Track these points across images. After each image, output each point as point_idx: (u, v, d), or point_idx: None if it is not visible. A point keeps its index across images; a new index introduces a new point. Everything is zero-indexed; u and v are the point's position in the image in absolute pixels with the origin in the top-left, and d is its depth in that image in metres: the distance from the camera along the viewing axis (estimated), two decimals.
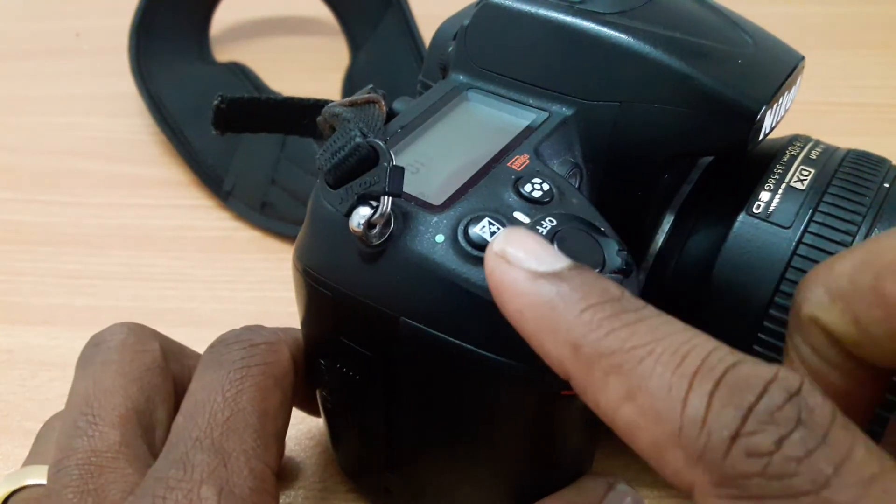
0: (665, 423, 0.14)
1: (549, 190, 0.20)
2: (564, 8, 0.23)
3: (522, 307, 0.16)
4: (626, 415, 0.15)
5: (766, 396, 0.14)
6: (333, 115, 0.21)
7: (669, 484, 0.15)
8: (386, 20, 0.50)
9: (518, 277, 0.16)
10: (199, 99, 0.46)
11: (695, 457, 0.14)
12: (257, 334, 0.23)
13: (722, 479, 0.14)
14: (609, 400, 0.15)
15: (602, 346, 0.15)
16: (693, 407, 0.14)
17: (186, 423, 0.21)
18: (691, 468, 0.14)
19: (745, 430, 0.13)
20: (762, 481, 0.13)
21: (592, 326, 0.15)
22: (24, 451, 0.30)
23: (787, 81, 0.24)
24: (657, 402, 0.14)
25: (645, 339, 0.15)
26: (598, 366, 0.15)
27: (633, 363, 0.15)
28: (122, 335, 0.23)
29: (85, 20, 0.60)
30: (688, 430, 0.14)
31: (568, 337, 0.15)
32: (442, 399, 0.21)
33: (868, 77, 0.51)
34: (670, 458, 0.14)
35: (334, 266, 0.21)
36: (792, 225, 0.22)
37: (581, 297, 0.16)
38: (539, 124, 0.23)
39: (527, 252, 0.17)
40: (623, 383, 0.15)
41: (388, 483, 0.25)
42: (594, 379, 0.15)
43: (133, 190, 0.44)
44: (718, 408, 0.14)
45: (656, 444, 0.14)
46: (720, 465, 0.14)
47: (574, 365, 0.15)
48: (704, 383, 0.14)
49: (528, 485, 0.23)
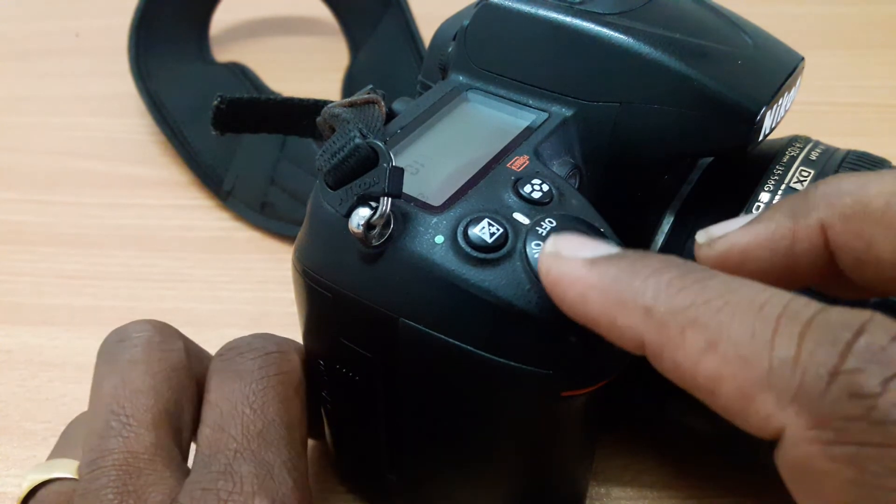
0: (752, 368, 0.13)
1: (548, 191, 0.20)
2: (564, 8, 0.23)
3: (585, 290, 0.16)
4: (708, 367, 0.14)
5: (866, 334, 0.13)
6: (333, 115, 0.21)
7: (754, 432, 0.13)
8: (386, 20, 0.50)
9: (575, 266, 0.16)
10: (198, 99, 0.46)
11: (787, 397, 0.13)
12: (269, 342, 0.23)
13: (819, 420, 0.13)
14: (688, 355, 0.14)
15: (675, 304, 0.15)
16: (782, 347, 0.13)
17: (219, 435, 0.21)
18: (783, 410, 0.13)
19: (846, 367, 0.12)
20: (864, 426, 0.12)
21: (661, 288, 0.15)
22: (24, 451, 0.31)
23: (786, 82, 0.24)
24: (741, 348, 0.13)
25: (718, 291, 0.14)
26: (673, 323, 0.14)
27: (710, 314, 0.14)
28: (147, 333, 0.23)
29: (85, 20, 0.60)
30: (779, 371, 0.13)
31: (638, 304, 0.15)
32: (441, 400, 0.21)
33: (868, 77, 0.51)
34: (759, 404, 0.13)
35: (334, 267, 0.21)
36: None
37: (643, 266, 0.16)
38: (539, 125, 0.23)
39: (578, 245, 0.17)
40: (701, 335, 0.14)
41: (388, 484, 0.25)
42: (670, 337, 0.14)
43: (133, 190, 0.44)
44: (812, 346, 0.13)
45: (742, 392, 0.13)
46: (817, 404, 0.13)
47: (648, 328, 0.15)
48: (792, 326, 0.13)
49: (527, 486, 0.23)
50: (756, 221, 0.18)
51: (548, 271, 0.17)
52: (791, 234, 0.17)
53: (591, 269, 0.16)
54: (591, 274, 0.16)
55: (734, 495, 0.28)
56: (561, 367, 0.19)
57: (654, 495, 0.28)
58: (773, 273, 0.18)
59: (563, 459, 0.23)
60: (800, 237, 0.17)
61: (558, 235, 0.18)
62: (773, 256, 0.17)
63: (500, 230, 0.19)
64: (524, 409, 0.20)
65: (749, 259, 0.18)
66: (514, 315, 0.18)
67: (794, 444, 0.13)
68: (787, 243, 0.17)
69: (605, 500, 0.28)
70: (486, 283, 0.19)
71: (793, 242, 0.17)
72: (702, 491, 0.28)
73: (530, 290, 0.18)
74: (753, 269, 0.18)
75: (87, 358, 0.34)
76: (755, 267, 0.18)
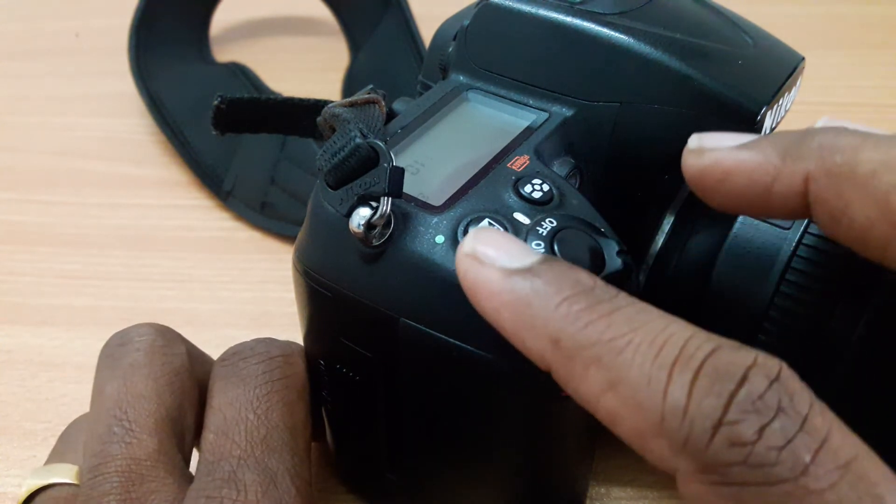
0: (647, 413, 0.14)
1: (549, 191, 0.20)
2: (565, 8, 0.23)
3: (499, 306, 0.16)
4: (608, 405, 0.15)
5: (747, 384, 0.14)
6: (333, 115, 0.21)
7: (656, 471, 0.15)
8: (386, 20, 0.50)
9: (491, 276, 0.17)
10: (198, 99, 0.46)
11: (678, 446, 0.14)
12: (273, 346, 0.23)
13: (705, 466, 0.14)
14: (591, 391, 0.15)
15: (580, 339, 0.15)
16: (674, 397, 0.14)
17: (222, 441, 0.21)
18: (675, 456, 0.14)
19: (728, 419, 0.14)
20: (744, 469, 0.14)
21: (570, 320, 0.16)
22: (24, 451, 0.30)
23: (787, 82, 0.24)
24: (638, 393, 0.15)
25: (622, 329, 0.15)
26: (578, 358, 0.15)
27: (613, 355, 0.15)
28: (149, 336, 0.23)
29: (85, 20, 0.60)
30: (670, 421, 0.14)
31: (546, 331, 0.16)
32: (442, 400, 0.21)
33: (868, 77, 0.51)
34: (654, 447, 0.15)
35: (334, 267, 0.21)
36: (792, 225, 0.22)
37: (555, 290, 0.16)
38: (539, 125, 0.23)
39: (497, 249, 0.17)
40: (603, 375, 0.15)
41: (388, 484, 0.25)
42: (575, 371, 0.15)
43: (133, 190, 0.44)
44: (700, 397, 0.14)
45: (639, 433, 0.15)
46: (703, 454, 0.14)
47: (554, 358, 0.16)
48: (684, 373, 0.14)
49: (527, 486, 0.23)
50: (746, 147, 0.18)
51: (465, 274, 0.17)
52: (775, 173, 0.18)
53: (505, 282, 0.16)
54: (504, 288, 0.16)
55: None
56: None
57: (654, 495, 0.28)
58: (745, 199, 0.18)
59: (563, 459, 0.23)
60: (782, 179, 0.18)
61: (478, 232, 0.17)
62: (751, 186, 0.18)
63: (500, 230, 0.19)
64: (524, 409, 0.20)
65: (728, 180, 0.18)
66: None
67: (686, 483, 0.14)
68: (769, 180, 0.18)
69: (605, 500, 0.28)
70: None
71: (774, 181, 0.18)
72: None
73: None
74: (729, 190, 0.18)
75: (87, 358, 0.34)
76: (731, 189, 0.18)
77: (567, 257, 0.19)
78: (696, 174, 0.19)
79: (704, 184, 0.19)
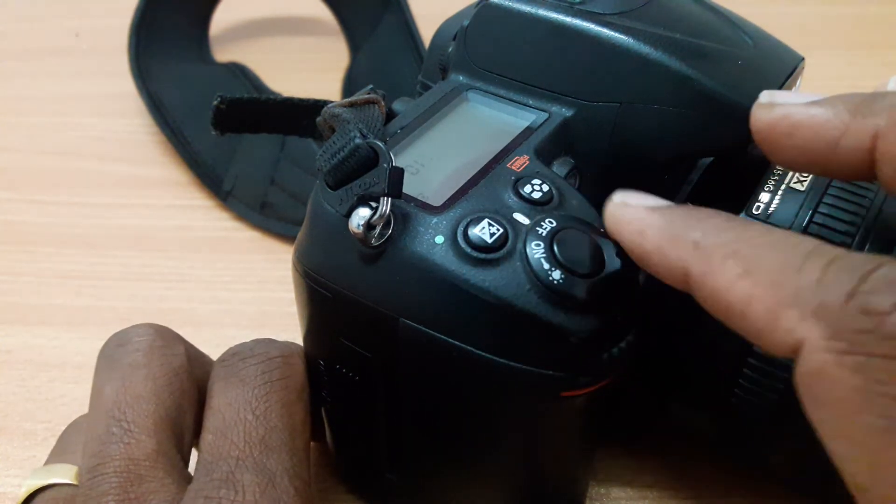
0: (781, 289, 0.15)
1: (548, 191, 0.20)
2: (564, 8, 0.23)
3: (643, 228, 0.18)
4: (742, 289, 0.16)
5: (884, 268, 0.14)
6: (333, 115, 0.21)
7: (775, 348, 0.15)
8: (385, 20, 0.50)
9: (638, 210, 0.19)
10: (198, 99, 0.46)
11: (809, 312, 0.15)
12: (272, 347, 0.23)
13: (834, 332, 0.14)
14: (726, 279, 0.16)
15: (720, 238, 0.17)
16: (809, 273, 0.15)
17: (221, 442, 0.21)
18: (804, 323, 0.15)
19: (863, 289, 0.14)
20: (873, 339, 0.14)
21: (710, 227, 0.17)
22: (24, 451, 0.31)
23: (787, 82, 0.24)
24: (772, 273, 0.15)
25: (758, 231, 0.17)
26: (716, 254, 0.17)
27: (750, 248, 0.16)
28: (148, 337, 0.23)
29: (85, 20, 0.60)
30: (804, 291, 0.15)
31: (688, 239, 0.17)
32: (442, 400, 0.21)
33: (868, 77, 0.51)
34: (783, 320, 0.15)
35: (334, 267, 0.21)
36: (792, 226, 0.22)
37: (696, 212, 0.18)
38: (539, 125, 0.23)
39: (642, 197, 0.19)
40: (740, 263, 0.16)
41: (388, 484, 0.25)
42: (713, 265, 0.16)
43: (133, 190, 0.44)
44: (835, 272, 0.15)
45: (770, 311, 0.15)
46: (834, 318, 0.14)
47: (694, 258, 0.17)
48: (819, 259, 0.15)
49: (527, 486, 0.23)
50: (817, 104, 0.19)
51: (612, 214, 0.19)
52: (844, 129, 0.18)
53: (651, 213, 0.19)
54: (651, 216, 0.18)
55: (734, 495, 0.28)
56: (561, 368, 0.19)
57: (654, 495, 0.28)
58: (812, 154, 0.19)
59: (563, 459, 0.23)
60: (850, 134, 0.18)
61: (624, 191, 0.20)
62: (819, 140, 0.19)
63: (500, 230, 0.19)
64: (524, 410, 0.20)
65: (796, 134, 0.19)
66: (514, 315, 0.18)
67: (811, 353, 0.14)
68: (836, 135, 0.18)
69: (604, 500, 0.28)
70: (486, 284, 0.19)
71: (841, 136, 0.18)
72: (702, 491, 0.28)
73: (530, 290, 0.18)
74: (796, 143, 0.19)
75: (87, 358, 0.34)
76: (798, 143, 0.19)
77: (566, 258, 0.19)
78: (764, 127, 0.19)
79: (773, 137, 0.19)
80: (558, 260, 0.19)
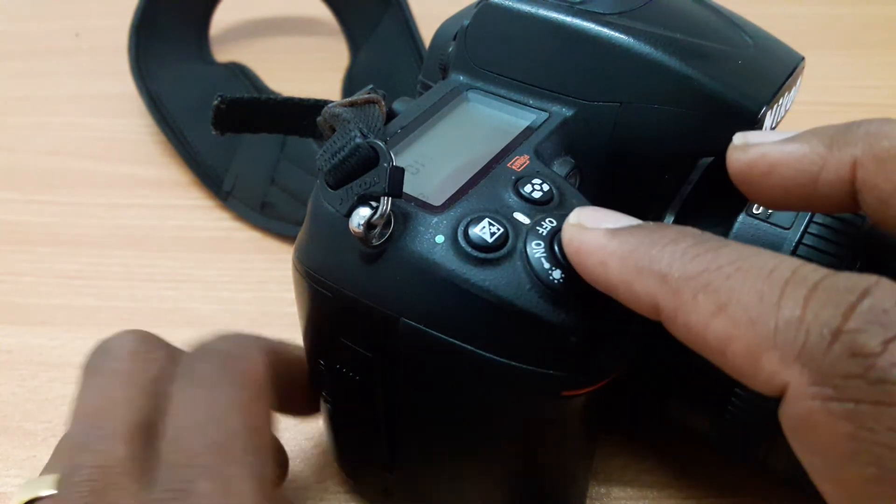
0: (759, 328, 0.14)
1: (549, 190, 0.20)
2: (564, 8, 0.23)
3: (605, 258, 0.17)
4: (718, 328, 0.15)
5: (871, 297, 0.13)
6: (333, 115, 0.21)
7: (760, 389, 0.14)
8: (386, 20, 0.50)
9: (597, 236, 0.17)
10: (199, 99, 0.46)
11: (792, 355, 0.13)
12: (231, 344, 0.22)
13: (820, 377, 0.13)
14: (700, 317, 0.15)
15: (689, 270, 0.15)
16: (788, 309, 0.14)
17: (176, 448, 0.20)
18: (787, 367, 0.14)
19: (848, 327, 0.13)
20: (863, 384, 0.13)
21: (677, 256, 0.16)
22: (24, 451, 0.30)
23: (787, 82, 0.24)
24: (749, 310, 0.14)
25: (730, 258, 0.15)
26: (686, 289, 0.15)
27: (721, 279, 0.15)
28: (130, 344, 0.23)
29: (85, 20, 0.60)
30: (784, 331, 0.14)
31: (654, 270, 0.16)
32: (442, 400, 0.21)
33: (868, 77, 0.51)
34: (764, 362, 0.14)
35: (334, 267, 0.21)
36: (792, 225, 0.22)
37: (660, 236, 0.16)
38: (539, 125, 0.23)
39: (600, 216, 0.18)
40: (712, 299, 0.15)
41: (388, 484, 0.25)
42: (683, 301, 0.15)
43: (133, 190, 0.44)
44: (817, 308, 0.13)
45: (749, 352, 0.14)
46: (819, 362, 0.13)
47: (663, 293, 0.16)
48: (798, 289, 0.14)
49: (527, 485, 0.23)
50: (792, 140, 0.18)
51: (570, 240, 0.18)
52: (822, 162, 0.18)
53: (611, 239, 0.17)
54: (611, 243, 0.17)
55: (734, 495, 0.28)
56: (561, 367, 0.19)
57: (654, 495, 0.28)
58: (793, 192, 0.18)
59: (564, 459, 0.23)
60: (829, 167, 0.18)
61: (581, 209, 0.18)
62: (798, 176, 0.18)
63: (500, 230, 0.19)
64: (524, 409, 0.20)
65: (774, 172, 0.18)
66: (515, 314, 0.18)
67: (797, 399, 0.14)
68: (816, 169, 0.18)
69: (605, 500, 0.28)
70: (487, 283, 0.19)
71: (821, 170, 0.18)
72: (702, 491, 0.28)
73: (531, 289, 0.18)
74: (776, 182, 0.18)
75: None
76: (777, 181, 0.18)
77: (567, 257, 0.19)
78: (742, 168, 0.19)
79: (751, 178, 0.19)
80: (558, 259, 0.19)
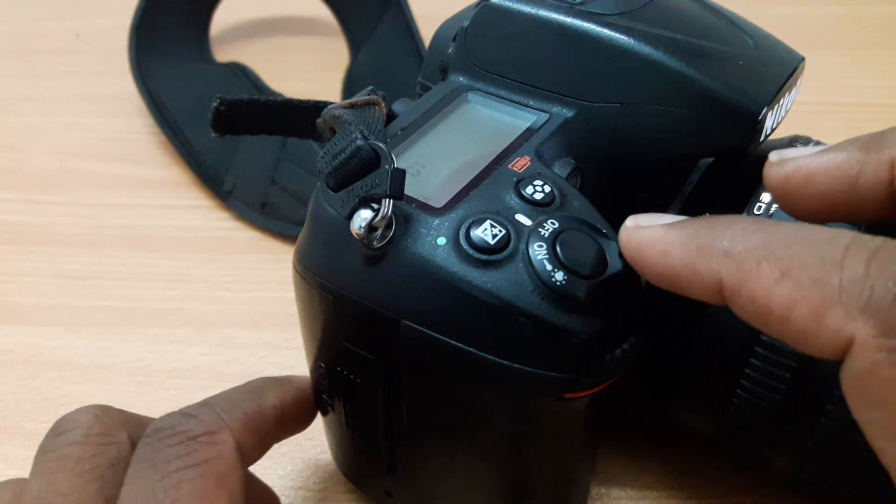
0: (823, 287, 0.14)
1: (550, 192, 0.20)
2: (565, 9, 0.23)
3: (666, 246, 0.17)
4: (782, 293, 0.15)
5: None
6: (334, 117, 0.21)
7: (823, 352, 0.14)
8: (386, 20, 0.50)
9: (656, 230, 0.18)
10: (199, 99, 0.46)
11: (857, 309, 0.14)
12: (197, 423, 0.21)
13: (885, 329, 0.14)
14: (764, 285, 0.15)
15: (750, 243, 0.16)
16: (851, 268, 0.14)
17: None
18: (852, 321, 0.14)
19: None
20: None
21: (738, 233, 0.16)
22: (24, 451, 0.30)
23: (787, 82, 0.24)
24: (812, 272, 0.15)
25: (789, 230, 0.16)
26: (749, 259, 0.16)
27: (783, 249, 0.15)
28: (85, 426, 0.21)
29: (85, 20, 0.60)
30: (848, 287, 0.14)
31: (717, 248, 0.16)
32: (443, 402, 0.21)
33: (868, 77, 0.51)
34: (830, 320, 0.14)
35: (335, 269, 0.21)
36: None
37: (717, 221, 0.17)
38: (540, 126, 0.23)
39: (655, 217, 0.18)
40: (776, 265, 0.15)
41: (389, 486, 0.25)
42: (747, 271, 0.16)
43: (133, 190, 0.44)
44: (880, 264, 0.14)
45: (814, 312, 0.14)
46: (885, 313, 0.14)
47: (727, 267, 0.16)
48: (859, 251, 0.14)
49: (528, 486, 0.23)
50: (828, 150, 0.18)
51: (629, 239, 0.18)
52: (859, 166, 0.18)
53: (670, 230, 0.18)
54: (670, 232, 0.18)
55: (734, 495, 0.28)
56: (563, 369, 0.19)
57: (654, 495, 0.28)
58: (832, 199, 0.18)
59: (565, 460, 0.23)
60: (867, 170, 0.18)
61: (635, 215, 0.19)
62: (836, 183, 0.18)
63: (502, 231, 0.19)
64: (525, 411, 0.20)
65: (812, 182, 0.18)
66: (517, 317, 0.18)
67: (862, 352, 0.14)
68: (854, 174, 0.18)
69: (605, 500, 0.28)
70: (489, 285, 0.19)
71: (859, 174, 0.18)
72: (702, 491, 0.28)
73: (533, 291, 0.18)
74: (814, 192, 0.18)
75: (87, 358, 0.34)
76: (816, 190, 0.18)
77: (569, 259, 0.19)
78: (779, 182, 0.19)
79: (789, 190, 0.19)
80: (561, 261, 0.19)
